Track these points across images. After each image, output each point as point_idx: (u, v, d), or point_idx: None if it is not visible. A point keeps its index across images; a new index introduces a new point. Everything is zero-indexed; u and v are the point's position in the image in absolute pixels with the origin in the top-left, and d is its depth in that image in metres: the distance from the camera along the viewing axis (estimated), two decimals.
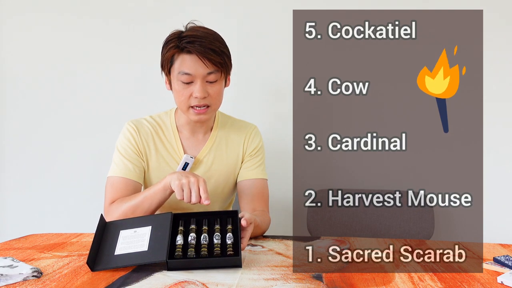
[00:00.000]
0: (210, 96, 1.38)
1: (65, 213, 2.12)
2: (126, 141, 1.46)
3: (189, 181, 1.24)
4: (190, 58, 1.34)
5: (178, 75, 1.36)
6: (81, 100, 2.11)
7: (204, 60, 1.33)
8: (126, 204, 1.34)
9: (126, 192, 1.40)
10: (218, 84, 1.39)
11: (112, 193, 1.40)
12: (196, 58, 1.33)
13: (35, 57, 2.11)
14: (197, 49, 1.32)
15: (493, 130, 1.98)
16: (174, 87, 1.39)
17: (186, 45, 1.33)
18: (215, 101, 1.40)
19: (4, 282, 1.00)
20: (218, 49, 1.35)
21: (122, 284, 1.02)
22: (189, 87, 1.36)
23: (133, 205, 1.33)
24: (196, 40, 1.33)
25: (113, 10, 2.07)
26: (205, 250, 1.13)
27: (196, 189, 1.23)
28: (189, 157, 1.46)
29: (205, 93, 1.36)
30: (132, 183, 1.42)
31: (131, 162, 1.44)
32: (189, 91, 1.36)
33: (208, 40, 1.34)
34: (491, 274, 1.11)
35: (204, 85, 1.36)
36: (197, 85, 1.35)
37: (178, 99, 1.40)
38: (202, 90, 1.35)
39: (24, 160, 2.15)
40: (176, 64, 1.36)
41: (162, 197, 1.31)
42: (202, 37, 1.34)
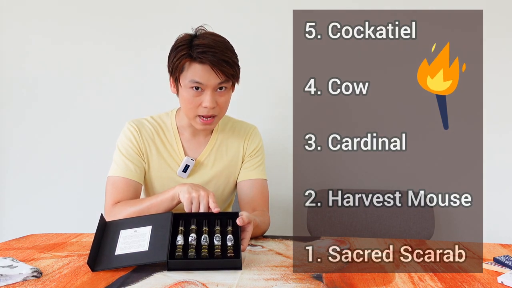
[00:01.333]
0: (218, 106, 1.37)
1: (65, 213, 2.12)
2: (127, 141, 1.46)
3: (199, 195, 1.24)
4: (202, 68, 1.33)
5: (188, 83, 1.35)
6: (80, 100, 2.11)
7: (217, 71, 1.32)
8: (131, 208, 1.33)
9: (127, 193, 1.40)
10: (227, 93, 1.39)
11: (113, 193, 1.40)
12: (209, 68, 1.32)
13: (35, 59, 2.11)
14: (210, 60, 1.31)
15: (493, 130, 1.98)
16: (183, 94, 1.38)
17: (199, 55, 1.32)
18: (222, 110, 1.40)
19: (4, 282, 1.00)
20: (231, 60, 1.34)
21: (122, 284, 1.01)
22: (199, 96, 1.35)
23: (138, 210, 1.32)
24: (209, 51, 1.31)
25: (115, 10, 2.07)
26: (205, 251, 1.13)
27: (206, 203, 1.22)
28: (189, 159, 1.46)
29: (214, 104, 1.36)
30: (133, 184, 1.42)
31: (132, 162, 1.43)
32: (198, 100, 1.36)
33: (220, 50, 1.33)
34: (491, 274, 1.11)
35: (213, 95, 1.35)
36: (208, 95, 1.34)
37: (186, 107, 1.39)
38: (212, 101, 1.35)
39: (24, 160, 2.15)
40: (188, 73, 1.34)
41: (169, 206, 1.31)
42: (215, 46, 1.33)
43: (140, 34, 2.07)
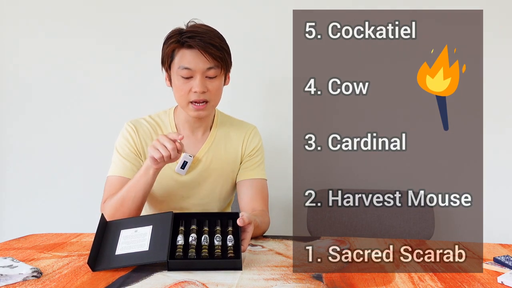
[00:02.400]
0: (209, 91, 1.38)
1: (65, 213, 2.12)
2: (124, 141, 1.47)
3: (158, 139, 1.28)
4: (190, 52, 1.35)
5: (178, 69, 1.37)
6: (81, 101, 2.11)
7: (205, 54, 1.34)
8: (114, 198, 1.35)
9: None
10: (218, 80, 1.40)
11: (108, 191, 1.41)
12: (197, 52, 1.35)
13: (34, 59, 2.11)
14: (197, 44, 1.34)
15: (493, 130, 1.98)
16: (174, 82, 1.40)
17: (187, 39, 1.34)
18: (214, 97, 1.41)
19: (4, 282, 1.00)
20: (218, 45, 1.36)
21: (122, 284, 1.02)
22: (189, 82, 1.37)
23: (119, 197, 1.34)
24: (197, 36, 1.34)
25: (112, 10, 2.07)
26: (205, 251, 1.13)
27: (167, 139, 1.26)
28: (187, 156, 1.46)
29: (205, 88, 1.37)
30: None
31: (129, 161, 1.44)
32: (188, 86, 1.37)
33: (208, 36, 1.36)
34: (491, 274, 1.11)
35: (203, 80, 1.37)
36: (197, 79, 1.36)
37: (178, 94, 1.40)
38: (202, 85, 1.36)
39: (24, 160, 2.15)
40: (177, 59, 1.37)
41: (145, 182, 1.32)
42: (203, 33, 1.36)
43: (139, 34, 2.06)
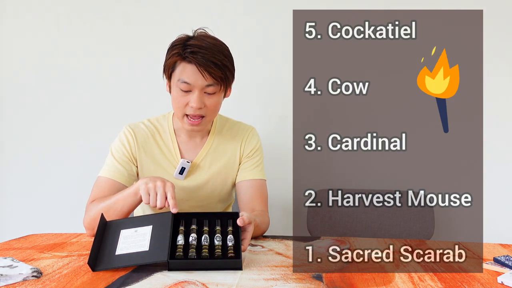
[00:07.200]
0: (206, 107, 1.37)
1: (65, 213, 2.12)
2: (120, 145, 1.47)
3: (155, 185, 1.23)
4: (190, 68, 1.33)
5: (177, 82, 1.35)
6: (81, 101, 2.11)
7: (204, 72, 1.32)
8: (101, 204, 1.34)
9: (110, 193, 1.38)
10: (217, 96, 1.38)
11: (95, 191, 1.41)
12: (196, 69, 1.32)
13: (33, 59, 2.11)
14: (198, 61, 1.31)
15: (493, 130, 1.98)
16: (173, 92, 1.39)
17: (188, 55, 1.32)
18: (210, 112, 1.40)
19: (3, 282, 1.00)
20: (220, 63, 1.33)
21: (122, 284, 1.01)
22: (187, 95, 1.36)
23: (106, 205, 1.32)
24: (200, 51, 1.31)
25: (112, 11, 2.07)
26: (206, 251, 1.13)
27: (162, 193, 1.21)
28: (185, 162, 1.46)
29: (201, 104, 1.35)
30: (118, 185, 1.41)
31: (122, 165, 1.44)
32: (186, 99, 1.36)
33: (211, 52, 1.32)
34: (491, 274, 1.11)
35: (201, 95, 1.35)
36: (195, 95, 1.34)
37: (175, 105, 1.40)
38: (199, 101, 1.34)
39: (24, 160, 2.15)
40: (177, 71, 1.35)
41: (132, 201, 1.30)
42: (206, 48, 1.32)
43: (138, 36, 2.06)
